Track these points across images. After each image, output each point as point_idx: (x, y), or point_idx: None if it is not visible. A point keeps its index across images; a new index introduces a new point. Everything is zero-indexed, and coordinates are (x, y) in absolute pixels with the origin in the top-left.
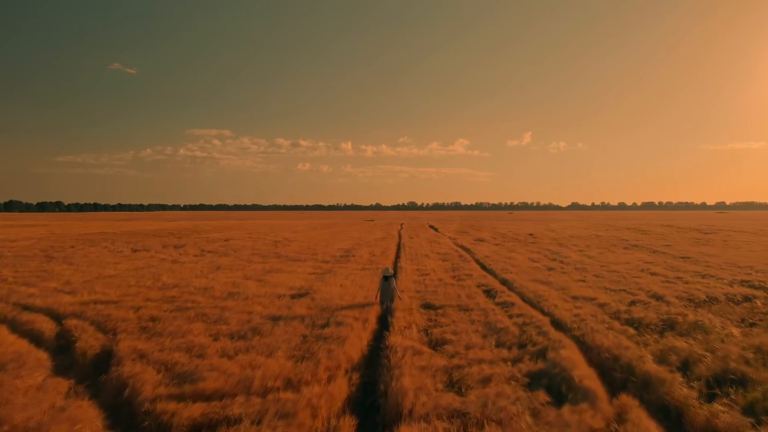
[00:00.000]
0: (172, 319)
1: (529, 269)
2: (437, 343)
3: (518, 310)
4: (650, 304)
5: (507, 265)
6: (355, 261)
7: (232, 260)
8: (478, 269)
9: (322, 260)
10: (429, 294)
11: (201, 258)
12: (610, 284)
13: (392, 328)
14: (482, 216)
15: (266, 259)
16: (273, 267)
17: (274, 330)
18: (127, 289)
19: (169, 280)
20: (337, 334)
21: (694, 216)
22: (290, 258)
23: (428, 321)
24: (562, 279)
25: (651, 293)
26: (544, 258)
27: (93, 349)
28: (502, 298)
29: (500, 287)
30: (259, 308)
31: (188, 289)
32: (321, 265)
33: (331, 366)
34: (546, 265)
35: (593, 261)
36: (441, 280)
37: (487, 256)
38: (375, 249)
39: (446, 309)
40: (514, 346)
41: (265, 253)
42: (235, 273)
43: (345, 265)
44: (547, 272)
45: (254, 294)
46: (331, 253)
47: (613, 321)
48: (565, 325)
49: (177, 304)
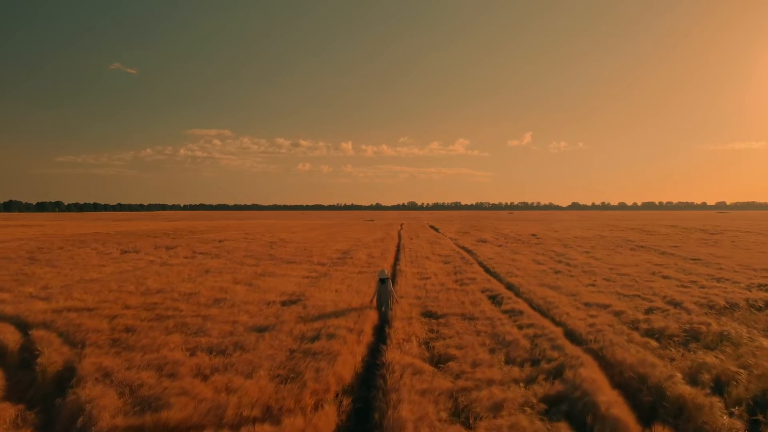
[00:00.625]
0: (149, 329)
1: (536, 272)
2: (440, 360)
3: (527, 320)
4: (669, 312)
5: (512, 268)
6: (352, 263)
7: (223, 262)
8: (481, 272)
9: (317, 263)
10: (430, 300)
11: (192, 260)
12: (623, 289)
13: (390, 341)
14: (482, 216)
15: (259, 261)
16: (265, 270)
17: (258, 344)
18: (106, 294)
19: (154, 284)
20: (328, 349)
21: (695, 216)
22: (284, 260)
23: (429, 332)
24: (571, 283)
25: (667, 299)
26: (550, 260)
27: (55, 365)
28: (509, 306)
29: (506, 293)
30: (244, 317)
31: (172, 294)
32: (316, 268)
33: (319, 389)
34: (552, 268)
35: (601, 263)
36: (443, 285)
37: (490, 258)
38: (374, 250)
39: (449, 318)
40: (526, 363)
41: (258, 254)
42: (224, 277)
43: (341, 268)
44: (554, 276)
45: (242, 300)
46: (328, 255)
47: (632, 332)
48: (581, 337)
49: (157, 312)
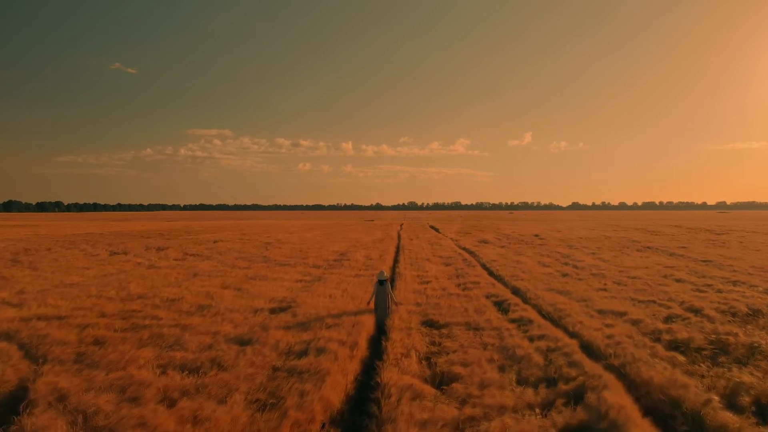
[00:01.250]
0: (120, 342)
1: (542, 276)
2: (443, 380)
3: (538, 330)
4: (690, 320)
5: (517, 270)
6: (348, 266)
7: (213, 265)
8: (485, 276)
9: (312, 265)
10: (431, 307)
11: (181, 262)
12: (636, 294)
13: (386, 356)
14: (483, 216)
15: (252, 263)
16: (257, 273)
17: (238, 359)
18: (83, 300)
19: (137, 289)
20: (317, 367)
21: (697, 216)
22: (278, 262)
23: (431, 345)
24: (580, 288)
25: (686, 305)
26: (556, 262)
27: (8, 384)
28: (517, 313)
29: (513, 298)
30: (227, 327)
31: (154, 300)
32: (310, 271)
33: (302, 419)
34: (559, 271)
35: (609, 265)
36: (444, 290)
37: (493, 261)
38: (372, 252)
39: (452, 328)
40: (541, 384)
41: (252, 256)
42: (212, 280)
43: (337, 270)
44: (562, 279)
45: (227, 308)
46: (324, 257)
47: (655, 344)
48: (599, 351)
49: (133, 321)
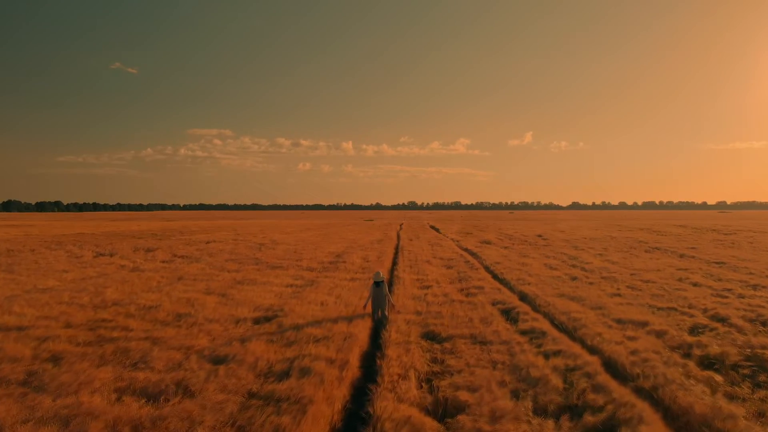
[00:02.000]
0: (79, 358)
1: (550, 279)
2: (447, 410)
3: (553, 344)
4: (718, 331)
5: (523, 274)
6: (344, 268)
7: (201, 268)
8: (489, 279)
9: (306, 267)
10: (432, 316)
11: (168, 265)
12: (654, 300)
13: (381, 378)
14: (483, 216)
15: (242, 266)
16: (246, 277)
17: (208, 382)
18: (52, 308)
19: (113, 295)
20: (298, 393)
21: (699, 215)
22: (270, 265)
23: (432, 363)
24: (593, 293)
25: (709, 313)
26: (563, 264)
27: None
28: (528, 323)
29: (521, 306)
30: (203, 341)
31: (128, 308)
32: (303, 275)
33: None
34: (568, 274)
35: (619, 268)
36: (446, 296)
37: (497, 263)
38: (370, 253)
39: (456, 342)
40: (563, 415)
41: (243, 258)
42: (197, 285)
43: (332, 274)
44: (571, 283)
45: (207, 317)
46: (319, 259)
47: (686, 361)
48: (625, 371)
49: (100, 333)
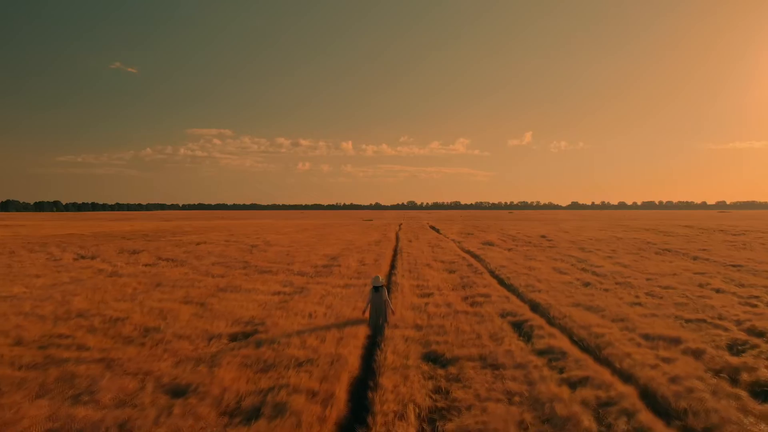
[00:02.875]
0: (15, 387)
1: (561, 286)
2: None
3: (577, 368)
4: (761, 349)
5: (531, 279)
6: (338, 273)
7: (184, 272)
8: (495, 286)
9: (297, 272)
10: (434, 332)
11: (150, 269)
12: (679, 310)
13: (373, 418)
14: (483, 216)
15: (229, 270)
16: (230, 283)
17: (157, 425)
18: (8, 320)
19: (81, 304)
20: None
21: (701, 215)
22: (259, 269)
23: (435, 394)
24: (611, 302)
25: (744, 325)
26: (573, 268)
27: None
28: (544, 341)
29: (534, 318)
30: (166, 364)
31: (93, 321)
32: (293, 280)
33: None
34: (579, 279)
35: (633, 272)
36: (450, 306)
37: (502, 266)
38: (366, 256)
39: (463, 365)
40: None
41: (231, 261)
42: (175, 293)
43: (324, 279)
44: (585, 290)
45: (177, 333)
46: (312, 262)
47: (737, 390)
48: (669, 406)
49: (50, 353)
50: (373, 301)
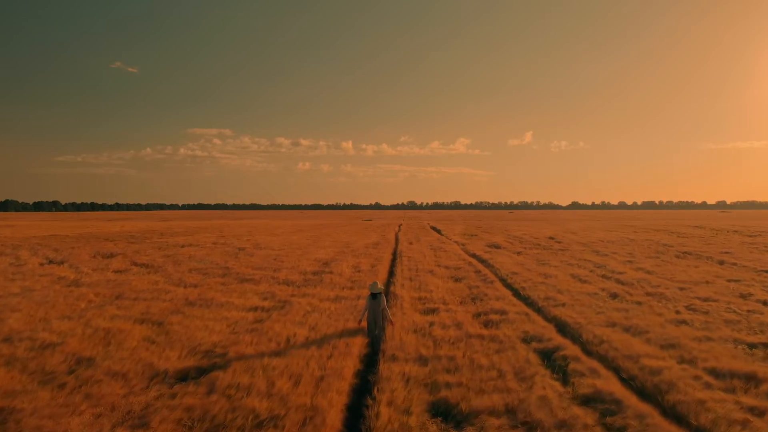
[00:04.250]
0: None
1: (586, 298)
2: None
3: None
4: None
5: (549, 289)
6: (329, 282)
7: (154, 281)
8: (509, 298)
9: (283, 281)
10: (443, 367)
11: (118, 276)
12: (733, 330)
13: None
14: (484, 216)
15: (206, 278)
16: (202, 295)
17: None
18: None
19: (17, 323)
20: None
21: (703, 215)
22: (240, 277)
23: None
24: (651, 320)
25: None
26: (592, 275)
27: None
28: (586, 381)
29: (564, 343)
30: (76, 421)
31: (17, 348)
32: (277, 291)
33: None
34: (604, 289)
35: (660, 279)
36: (459, 326)
37: (514, 273)
38: (363, 260)
39: (484, 423)
40: None
41: (211, 267)
42: (134, 308)
43: (312, 290)
44: (615, 303)
45: (113, 368)
46: (302, 268)
47: None
48: None
49: None
50: (371, 309)
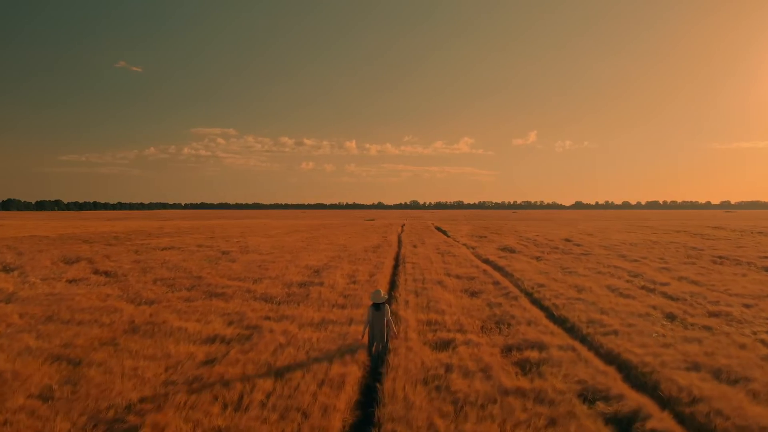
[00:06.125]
0: None
1: (638, 320)
2: None
3: None
4: None
5: (590, 308)
6: (317, 297)
7: (105, 295)
8: (544, 322)
9: (260, 296)
10: None
11: (67, 288)
12: None
13: None
14: (487, 215)
15: (169, 291)
16: (153, 317)
17: None
18: None
19: None
20: None
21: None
22: (210, 291)
23: None
24: (741, 357)
25: None
26: (632, 287)
27: None
28: None
29: (644, 404)
30: None
31: None
32: (248, 312)
33: None
34: (655, 307)
35: (711, 291)
36: (487, 374)
37: (541, 286)
38: (360, 268)
39: None
40: None
41: (182, 277)
42: (57, 337)
43: (294, 309)
44: (679, 330)
45: None
46: (287, 278)
47: None
48: None
49: None
50: (373, 322)
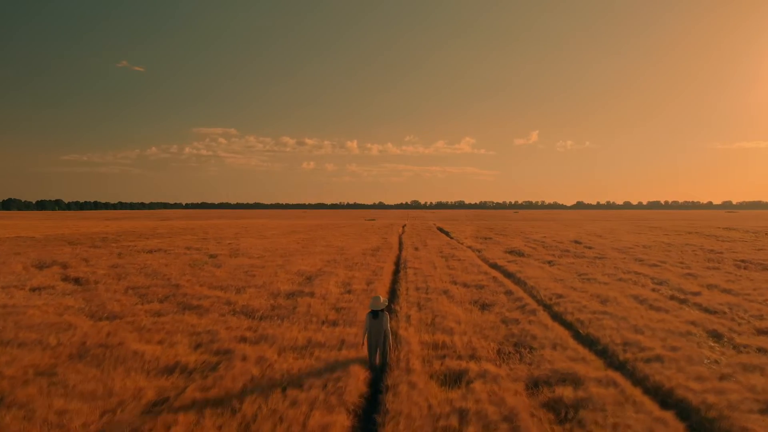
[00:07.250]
0: None
1: (680, 341)
2: None
3: None
4: None
5: (622, 326)
6: (305, 311)
7: (65, 307)
8: (571, 344)
9: (241, 308)
10: None
11: (29, 297)
12: None
13: None
14: (489, 215)
15: (139, 303)
16: (109, 337)
17: None
18: None
19: None
20: None
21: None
22: (184, 302)
23: None
24: None
25: None
26: (661, 297)
27: None
28: None
29: None
30: None
31: None
32: (221, 331)
33: None
34: (694, 323)
35: (753, 304)
36: (511, 421)
37: (559, 296)
38: (357, 274)
39: None
40: None
41: (157, 285)
42: None
43: (276, 328)
44: (732, 355)
45: None
46: (275, 287)
47: None
48: None
49: None
50: (371, 330)
